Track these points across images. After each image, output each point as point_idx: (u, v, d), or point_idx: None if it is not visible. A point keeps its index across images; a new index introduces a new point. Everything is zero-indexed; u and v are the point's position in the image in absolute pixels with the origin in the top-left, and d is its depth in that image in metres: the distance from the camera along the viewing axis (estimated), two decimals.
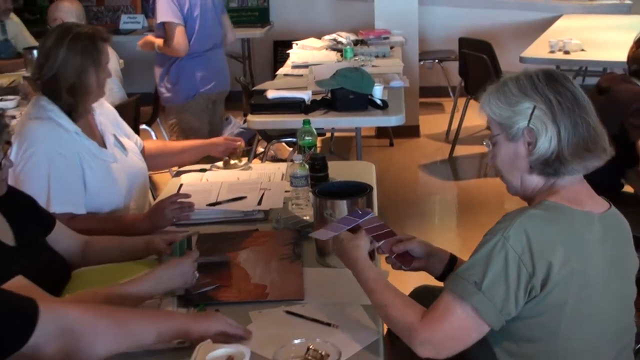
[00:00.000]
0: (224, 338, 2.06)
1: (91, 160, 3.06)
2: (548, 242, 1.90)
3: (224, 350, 1.96)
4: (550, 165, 2.00)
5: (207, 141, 3.71)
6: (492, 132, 2.09)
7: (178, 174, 3.61)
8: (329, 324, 2.19)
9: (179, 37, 5.06)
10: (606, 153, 2.03)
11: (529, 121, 1.98)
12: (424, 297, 2.14)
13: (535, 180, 2.05)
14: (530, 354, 1.98)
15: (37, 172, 2.90)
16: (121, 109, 4.00)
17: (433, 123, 7.74)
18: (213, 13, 5.29)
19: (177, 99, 5.30)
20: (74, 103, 3.01)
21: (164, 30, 5.13)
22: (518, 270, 1.88)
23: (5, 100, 5.09)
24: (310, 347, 1.98)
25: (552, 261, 1.88)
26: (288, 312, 2.29)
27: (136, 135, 3.51)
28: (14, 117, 4.71)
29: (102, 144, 3.17)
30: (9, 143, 2.29)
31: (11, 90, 5.46)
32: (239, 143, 3.59)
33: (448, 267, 2.36)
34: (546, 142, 1.98)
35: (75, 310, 1.90)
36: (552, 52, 6.05)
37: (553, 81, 2.01)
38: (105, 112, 3.31)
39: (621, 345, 2.08)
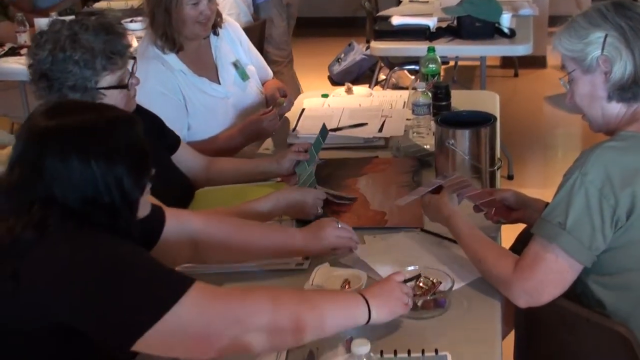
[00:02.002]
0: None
1: (195, 97, 3.07)
2: (628, 170, 1.86)
3: (341, 273, 1.99)
4: (628, 90, 1.97)
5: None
6: (567, 70, 2.07)
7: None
8: (454, 241, 2.20)
9: None
10: None
11: (603, 49, 1.96)
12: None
13: (617, 109, 2.02)
14: (624, 285, 1.95)
15: None
16: (246, 33, 4.03)
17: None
18: None
19: None
20: (168, 34, 3.01)
21: None
22: (600, 204, 1.85)
23: (136, 21, 5.20)
24: (420, 274, 1.99)
25: (635, 189, 1.84)
26: (423, 230, 2.34)
27: (268, 69, 3.52)
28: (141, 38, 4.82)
29: (216, 77, 3.18)
30: (134, 59, 2.35)
31: (142, 11, 5.58)
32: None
33: None
34: (622, 67, 1.95)
35: (198, 220, 2.08)
36: None
37: (622, 8, 1.99)
38: (230, 37, 3.29)
39: None
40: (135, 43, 4.75)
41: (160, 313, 1.52)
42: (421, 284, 1.97)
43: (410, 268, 2.02)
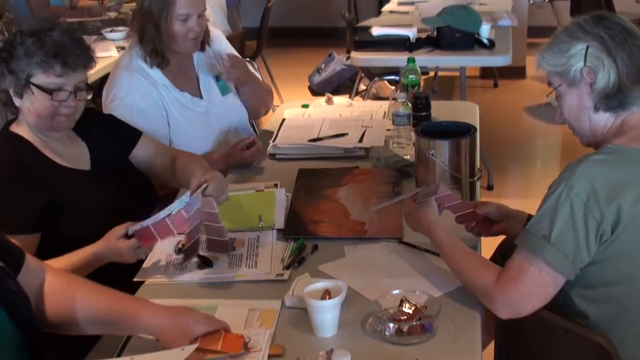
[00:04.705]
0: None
1: (178, 112, 3.05)
2: (613, 184, 1.86)
3: (321, 284, 1.99)
4: (614, 98, 1.98)
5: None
6: (553, 86, 2.08)
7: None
8: (433, 252, 2.20)
9: None
10: None
11: (585, 60, 1.97)
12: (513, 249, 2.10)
13: (604, 119, 2.02)
14: (607, 298, 1.95)
15: None
16: None
17: None
18: None
19: None
20: (158, 50, 2.99)
21: None
22: (585, 218, 1.85)
23: (116, 31, 5.20)
24: (404, 298, 1.95)
25: (620, 203, 1.84)
26: (401, 242, 2.33)
27: None
28: (123, 47, 4.82)
29: (197, 91, 3.16)
30: (90, 89, 2.38)
31: (122, 21, 5.57)
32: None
33: None
34: (605, 76, 1.96)
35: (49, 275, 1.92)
36: None
37: (601, 19, 2.00)
38: (212, 49, 3.25)
39: None
40: (115, 53, 4.78)
41: None
42: (403, 309, 1.93)
43: (395, 292, 1.99)
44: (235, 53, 3.38)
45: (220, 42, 3.33)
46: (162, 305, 1.88)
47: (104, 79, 4.52)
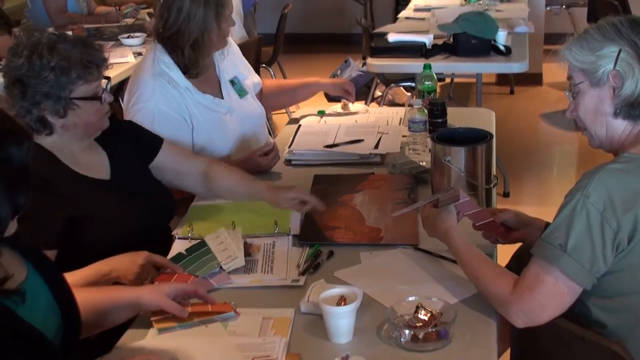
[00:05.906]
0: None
1: (200, 114, 3.05)
2: (630, 194, 1.84)
3: (337, 290, 1.98)
4: (637, 107, 1.95)
5: (327, 80, 3.74)
6: (573, 81, 2.03)
7: (293, 121, 3.60)
8: (448, 259, 2.20)
9: None
10: None
11: (615, 64, 1.93)
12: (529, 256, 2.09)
13: (622, 126, 1.99)
14: (624, 308, 1.93)
15: None
16: (242, 48, 4.03)
17: (557, 71, 7.50)
18: None
19: None
20: (195, 58, 3.01)
21: None
22: (602, 227, 1.83)
23: (133, 37, 5.22)
24: (420, 305, 1.94)
25: (637, 213, 1.82)
26: (417, 248, 2.33)
27: (256, 75, 3.51)
28: (140, 53, 4.84)
29: (219, 92, 3.18)
30: (107, 78, 2.37)
31: (139, 27, 5.59)
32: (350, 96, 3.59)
33: None
34: (633, 84, 1.92)
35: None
36: None
37: (637, 25, 1.95)
38: (229, 53, 3.29)
39: None
40: (132, 59, 4.80)
41: None
42: (419, 316, 1.92)
43: (411, 299, 1.98)
44: (244, 60, 3.43)
45: (233, 48, 3.37)
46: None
47: (121, 84, 4.56)
